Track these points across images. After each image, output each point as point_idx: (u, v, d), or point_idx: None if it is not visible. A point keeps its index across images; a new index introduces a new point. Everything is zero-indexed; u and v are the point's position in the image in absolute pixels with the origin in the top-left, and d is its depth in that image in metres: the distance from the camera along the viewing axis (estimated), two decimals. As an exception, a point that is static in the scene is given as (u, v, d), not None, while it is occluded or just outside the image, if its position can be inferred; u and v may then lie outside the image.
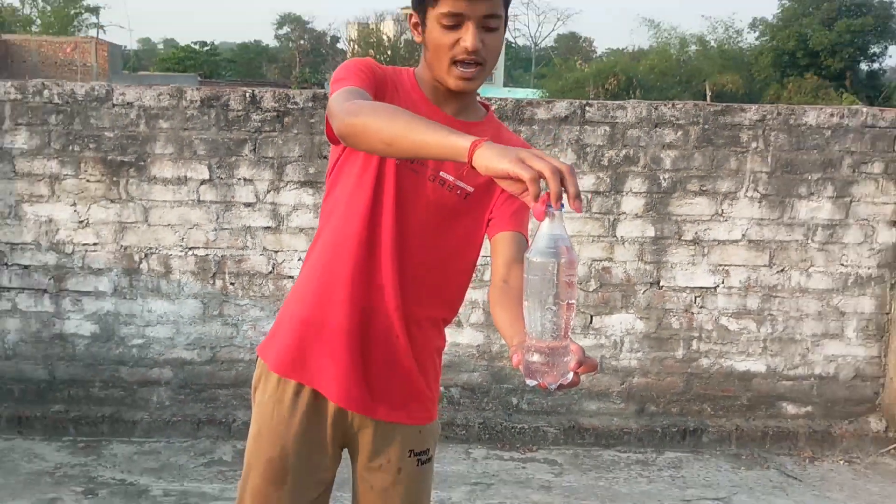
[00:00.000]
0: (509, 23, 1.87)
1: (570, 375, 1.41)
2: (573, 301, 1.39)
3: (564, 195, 1.34)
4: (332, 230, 1.90)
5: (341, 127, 1.63)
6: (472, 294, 2.99)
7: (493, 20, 1.76)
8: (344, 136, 1.65)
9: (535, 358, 1.41)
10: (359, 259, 1.85)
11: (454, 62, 1.77)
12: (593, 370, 1.42)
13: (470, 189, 1.87)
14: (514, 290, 1.61)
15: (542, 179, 1.33)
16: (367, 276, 1.86)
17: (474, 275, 2.06)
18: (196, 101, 4.49)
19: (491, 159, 1.37)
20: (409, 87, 1.88)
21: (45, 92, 4.47)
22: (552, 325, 1.38)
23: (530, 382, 1.42)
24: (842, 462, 4.58)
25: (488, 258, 1.88)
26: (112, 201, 4.54)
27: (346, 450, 2.01)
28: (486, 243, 1.94)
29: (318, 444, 1.94)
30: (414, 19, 1.84)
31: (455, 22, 1.74)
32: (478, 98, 1.98)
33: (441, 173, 1.85)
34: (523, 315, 1.42)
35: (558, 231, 1.36)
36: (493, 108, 4.45)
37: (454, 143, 1.44)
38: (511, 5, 1.85)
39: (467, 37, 1.74)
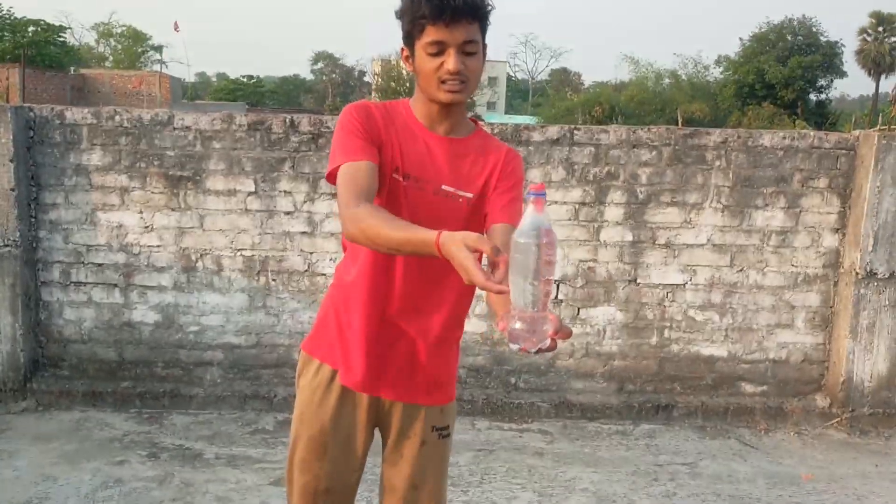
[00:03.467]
0: (510, 60, 1.88)
1: (548, 341, 1.41)
2: (552, 277, 1.39)
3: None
4: (355, 246, 1.90)
5: (348, 235, 1.69)
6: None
7: (470, 45, 1.76)
8: (352, 241, 1.71)
9: (518, 325, 1.40)
10: (378, 269, 1.86)
11: (441, 82, 1.78)
12: (568, 337, 1.42)
13: (470, 195, 1.87)
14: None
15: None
16: (386, 284, 1.87)
17: None
18: (244, 125, 4.51)
19: (448, 256, 1.48)
20: (404, 116, 1.88)
21: (117, 117, 4.50)
22: (533, 298, 1.38)
23: (513, 346, 1.42)
24: (792, 434, 4.56)
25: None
26: (173, 210, 4.56)
27: (377, 428, 2.02)
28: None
29: (352, 425, 1.95)
30: (405, 52, 1.84)
31: (438, 49, 1.75)
32: (468, 115, 1.98)
33: (443, 187, 1.85)
34: (509, 288, 1.41)
35: (541, 216, 1.36)
36: (496, 131, 4.48)
37: (425, 243, 1.52)
38: (510, 46, 1.87)
39: (450, 61, 1.75)
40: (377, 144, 1.81)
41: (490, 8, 1.79)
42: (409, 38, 1.79)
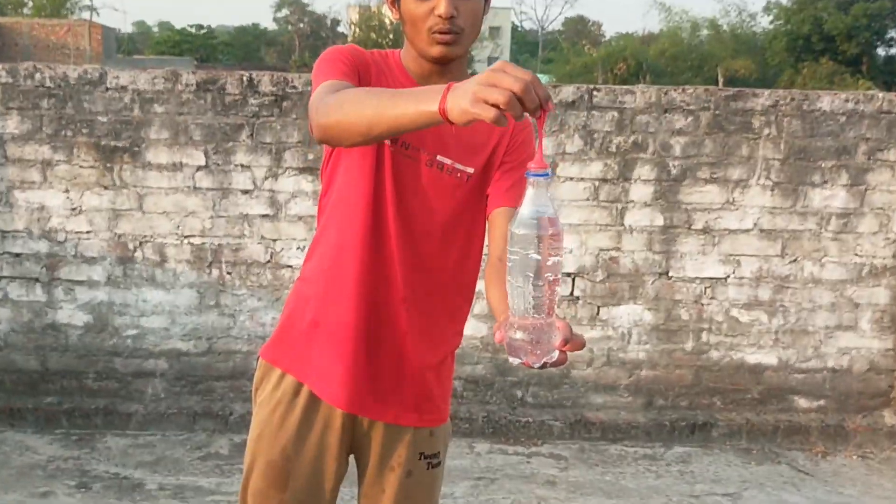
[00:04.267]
0: (516, 6, 1.85)
1: (556, 353, 1.39)
2: (558, 276, 1.37)
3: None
4: (335, 227, 1.88)
5: (318, 133, 1.62)
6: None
7: None
8: (323, 141, 1.65)
9: (518, 335, 1.38)
10: (364, 254, 1.84)
11: (431, 32, 1.75)
12: (580, 348, 1.40)
13: (470, 171, 1.85)
14: None
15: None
16: (373, 272, 1.85)
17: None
18: (192, 84, 4.49)
19: (460, 105, 1.31)
20: (396, 71, 1.87)
21: (37, 75, 4.47)
22: (536, 301, 1.35)
23: (513, 360, 1.40)
24: (855, 457, 4.58)
25: None
26: (105, 188, 4.54)
27: (352, 455, 2.01)
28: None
29: (321, 449, 1.93)
30: None
31: None
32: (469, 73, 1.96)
33: (438, 157, 1.83)
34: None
35: (544, 200, 1.34)
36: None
37: (425, 108, 1.39)
38: None
39: (440, 4, 1.72)
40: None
41: None
42: None
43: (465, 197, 1.87)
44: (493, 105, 1.27)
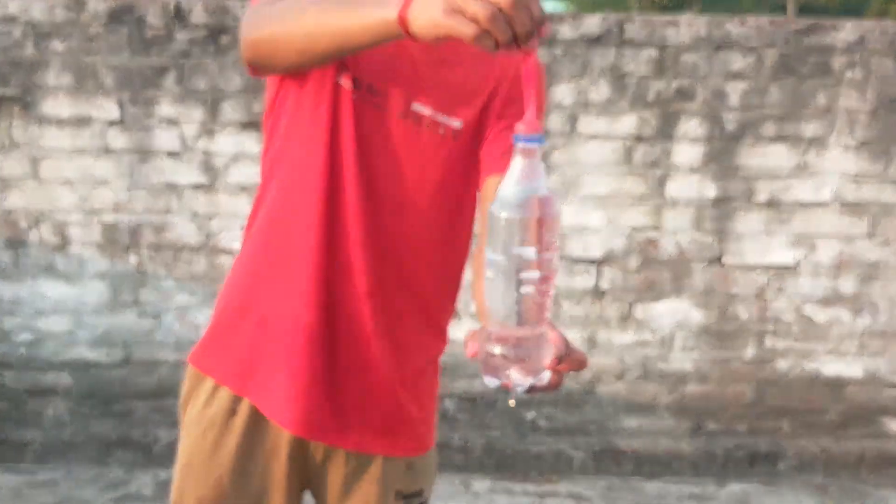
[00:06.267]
0: None
1: (547, 374, 1.36)
2: (552, 274, 1.33)
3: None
4: (277, 193, 1.87)
5: (246, 52, 1.63)
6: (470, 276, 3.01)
7: None
8: (253, 63, 1.65)
9: (498, 350, 1.35)
10: (314, 233, 1.82)
11: None
12: (579, 368, 1.37)
13: (457, 124, 1.83)
14: None
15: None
16: (328, 259, 1.83)
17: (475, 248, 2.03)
18: (102, 14, 4.46)
19: (430, 14, 1.30)
20: None
21: None
22: (521, 307, 1.33)
23: (490, 382, 1.37)
24: (963, 497, 4.61)
25: None
26: (-10, 149, 4.53)
27: (308, 492, 2.00)
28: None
29: (265, 481, 1.92)
30: None
31: None
32: None
33: (415, 106, 1.80)
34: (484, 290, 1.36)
35: (536, 174, 1.31)
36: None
37: (380, 15, 1.38)
38: None
39: None
40: None
41: None
42: None
43: (451, 159, 1.85)
44: (471, 20, 1.25)
